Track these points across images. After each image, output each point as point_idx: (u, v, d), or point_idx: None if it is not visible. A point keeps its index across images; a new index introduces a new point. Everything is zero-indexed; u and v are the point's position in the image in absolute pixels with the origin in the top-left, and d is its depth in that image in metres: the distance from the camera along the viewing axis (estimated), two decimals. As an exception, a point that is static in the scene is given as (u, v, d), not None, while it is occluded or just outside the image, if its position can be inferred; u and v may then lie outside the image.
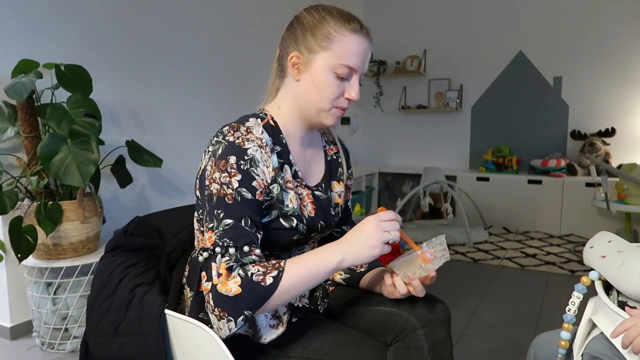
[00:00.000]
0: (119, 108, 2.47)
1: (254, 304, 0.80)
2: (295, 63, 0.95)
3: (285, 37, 0.98)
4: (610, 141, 4.13)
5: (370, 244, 0.84)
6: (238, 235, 0.83)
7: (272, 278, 0.81)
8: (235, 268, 0.81)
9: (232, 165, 0.86)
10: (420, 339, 0.91)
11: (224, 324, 0.80)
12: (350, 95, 0.95)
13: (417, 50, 4.88)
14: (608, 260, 1.00)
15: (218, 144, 0.89)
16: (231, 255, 0.82)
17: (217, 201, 0.85)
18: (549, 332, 1.15)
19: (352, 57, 0.92)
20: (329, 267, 0.85)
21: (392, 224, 0.85)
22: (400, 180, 5.16)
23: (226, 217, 0.84)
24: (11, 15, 1.99)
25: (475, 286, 2.70)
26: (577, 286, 1.05)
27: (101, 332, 0.94)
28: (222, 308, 0.79)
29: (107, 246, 1.11)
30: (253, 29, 3.42)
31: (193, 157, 2.96)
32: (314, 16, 0.94)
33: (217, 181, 0.86)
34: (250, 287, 0.80)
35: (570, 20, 4.25)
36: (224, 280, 0.80)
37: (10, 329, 2.02)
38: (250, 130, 0.91)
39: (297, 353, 0.91)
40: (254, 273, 0.81)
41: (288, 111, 0.99)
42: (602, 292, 0.99)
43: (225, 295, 0.79)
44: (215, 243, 0.83)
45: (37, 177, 1.85)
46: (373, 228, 0.84)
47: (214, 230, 0.84)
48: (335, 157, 1.12)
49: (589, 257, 1.07)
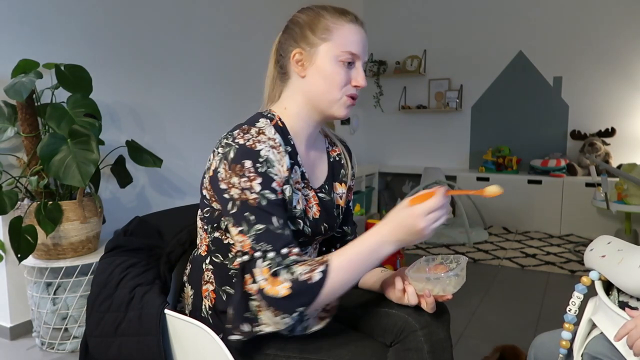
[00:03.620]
0: (119, 108, 2.47)
1: (305, 301, 0.81)
2: (299, 60, 0.96)
3: (283, 40, 0.99)
4: (610, 141, 4.13)
5: (421, 237, 0.84)
6: (273, 239, 0.83)
7: (319, 274, 0.81)
8: (279, 272, 0.81)
9: (249, 169, 0.85)
10: (420, 340, 0.91)
11: (280, 319, 0.82)
12: (357, 81, 0.96)
13: (417, 50, 4.88)
14: (608, 258, 1.01)
15: (228, 147, 0.88)
16: (272, 260, 0.82)
17: (241, 205, 0.85)
18: (549, 332, 1.15)
19: (353, 44, 0.95)
20: (380, 258, 0.85)
21: (438, 213, 0.83)
22: (400, 180, 5.16)
23: (257, 222, 0.84)
24: (11, 15, 1.99)
25: (475, 286, 2.70)
26: (577, 286, 1.05)
27: (101, 332, 0.94)
28: (275, 307, 0.81)
29: (107, 246, 1.11)
30: (253, 28, 3.42)
31: (193, 157, 2.96)
32: (309, 14, 0.97)
33: (237, 186, 0.85)
34: (298, 287, 0.80)
35: (570, 20, 4.24)
36: (271, 284, 0.81)
37: (10, 329, 2.02)
38: (262, 131, 0.91)
39: (296, 353, 0.90)
40: (301, 273, 0.81)
41: (296, 110, 0.99)
42: (602, 292, 0.99)
43: (274, 297, 0.80)
44: (252, 248, 0.83)
45: (37, 177, 1.85)
46: (423, 225, 0.82)
47: (245, 234, 0.84)
48: (338, 158, 1.11)
49: (590, 259, 1.07)
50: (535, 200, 4.14)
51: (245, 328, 0.85)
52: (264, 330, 0.84)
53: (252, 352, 0.92)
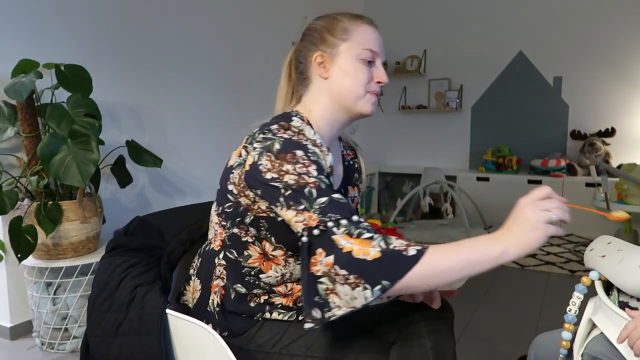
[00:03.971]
0: (119, 108, 2.47)
1: (394, 273, 0.73)
2: (321, 62, 0.99)
3: (301, 47, 1.03)
4: (610, 141, 4.13)
5: (530, 227, 0.74)
6: (340, 208, 0.79)
7: (415, 250, 0.74)
8: (364, 234, 0.76)
9: (302, 157, 0.85)
10: (424, 336, 0.91)
11: (359, 292, 0.73)
12: (380, 77, 1.00)
13: (417, 50, 4.88)
14: (608, 258, 1.01)
15: (270, 140, 0.87)
16: (347, 226, 0.77)
17: (298, 188, 0.81)
18: (549, 332, 1.15)
19: (371, 42, 0.99)
20: (488, 256, 0.75)
21: (551, 202, 0.76)
22: (400, 180, 5.16)
23: (319, 196, 0.80)
24: (11, 15, 1.99)
25: (475, 286, 2.70)
26: (577, 286, 1.05)
27: (102, 332, 0.94)
28: (359, 274, 0.73)
29: (108, 246, 1.10)
30: (253, 28, 3.42)
31: (193, 157, 2.96)
32: (326, 19, 1.01)
33: (293, 172, 0.83)
34: (390, 254, 0.74)
35: (570, 20, 4.25)
36: (360, 244, 0.75)
37: (10, 329, 2.02)
38: (302, 131, 0.92)
39: (301, 351, 0.91)
40: (395, 244, 0.75)
41: (321, 112, 1.00)
42: (602, 292, 0.99)
43: (362, 259, 0.73)
44: (321, 220, 0.78)
45: (37, 177, 1.85)
46: (528, 210, 0.75)
47: (309, 210, 0.79)
48: (352, 162, 1.13)
49: (590, 259, 1.07)
50: (535, 200, 4.13)
51: (316, 314, 0.78)
52: (336, 314, 0.76)
53: (256, 352, 0.93)
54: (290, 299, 0.98)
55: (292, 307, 0.98)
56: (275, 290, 0.97)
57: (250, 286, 0.96)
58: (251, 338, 0.94)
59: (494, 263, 0.75)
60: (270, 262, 0.94)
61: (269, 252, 0.94)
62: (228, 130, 3.22)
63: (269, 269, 0.95)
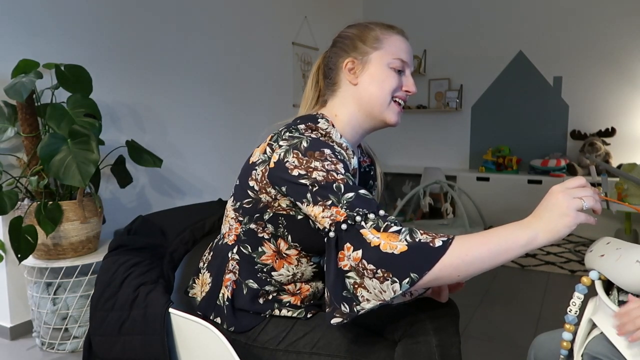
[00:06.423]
0: (119, 108, 2.47)
1: (421, 265, 0.72)
2: (351, 68, 1.00)
3: (331, 54, 1.04)
4: (610, 141, 4.13)
5: (560, 212, 0.74)
6: (367, 203, 0.80)
7: (441, 242, 0.74)
8: (392, 228, 0.76)
9: (330, 155, 0.86)
10: (429, 333, 0.91)
11: (387, 285, 0.73)
12: (408, 87, 1.01)
13: (417, 50, 4.88)
14: (606, 257, 1.01)
15: (296, 138, 0.88)
16: (374, 220, 0.77)
17: (327, 184, 0.82)
18: (549, 332, 1.15)
19: (402, 52, 1.01)
20: (517, 243, 0.73)
21: (583, 190, 0.76)
22: (400, 180, 5.16)
23: (346, 191, 0.81)
24: (11, 15, 1.99)
25: (475, 286, 2.70)
26: (577, 286, 1.05)
27: (105, 330, 0.95)
28: (387, 268, 0.73)
29: (111, 245, 1.11)
30: (253, 29, 3.42)
31: (193, 157, 2.96)
32: (358, 27, 1.03)
33: (321, 169, 0.83)
34: (417, 247, 0.73)
35: (571, 20, 4.25)
36: (386, 238, 0.74)
37: (10, 329, 2.02)
38: (330, 134, 0.93)
39: (307, 349, 0.91)
40: (421, 237, 0.75)
41: (347, 118, 1.01)
42: (602, 292, 0.99)
43: (389, 253, 0.73)
44: (349, 215, 0.78)
45: (37, 177, 1.85)
46: (560, 196, 0.75)
47: (336, 205, 0.80)
48: (368, 169, 1.16)
49: (589, 260, 1.07)
50: (535, 200, 4.11)
51: (345, 309, 0.77)
52: (365, 307, 0.76)
53: (262, 350, 0.93)
54: (298, 298, 0.99)
55: (300, 305, 0.99)
56: (285, 289, 0.99)
57: (261, 282, 0.97)
58: (257, 335, 0.95)
59: (523, 250, 0.74)
60: (283, 260, 0.96)
61: (283, 250, 0.95)
62: (228, 130, 3.22)
63: (281, 267, 0.96)
